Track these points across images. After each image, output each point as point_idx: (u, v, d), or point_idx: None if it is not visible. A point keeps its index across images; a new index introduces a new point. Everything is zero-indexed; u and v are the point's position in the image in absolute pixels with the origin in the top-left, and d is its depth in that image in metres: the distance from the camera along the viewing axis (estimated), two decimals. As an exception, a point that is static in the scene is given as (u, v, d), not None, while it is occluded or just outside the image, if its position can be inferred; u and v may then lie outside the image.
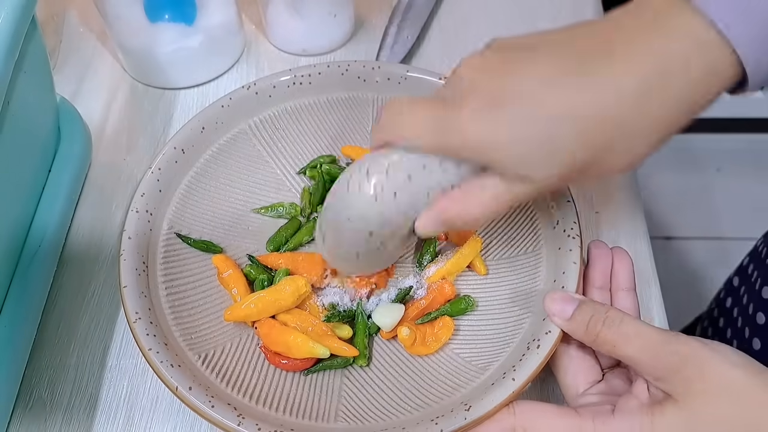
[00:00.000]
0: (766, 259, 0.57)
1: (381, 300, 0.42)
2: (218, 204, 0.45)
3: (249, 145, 0.47)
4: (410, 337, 0.39)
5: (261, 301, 0.40)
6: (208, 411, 0.33)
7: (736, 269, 0.63)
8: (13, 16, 0.36)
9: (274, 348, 0.39)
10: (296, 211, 0.46)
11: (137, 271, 0.39)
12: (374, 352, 0.41)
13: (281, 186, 0.47)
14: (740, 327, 0.59)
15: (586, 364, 0.36)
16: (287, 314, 0.40)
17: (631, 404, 0.31)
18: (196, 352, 0.38)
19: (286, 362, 0.39)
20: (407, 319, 0.41)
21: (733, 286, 0.62)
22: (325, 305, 0.42)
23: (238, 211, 0.46)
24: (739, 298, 0.60)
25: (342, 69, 0.47)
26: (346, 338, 0.40)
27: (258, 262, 0.43)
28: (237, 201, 0.46)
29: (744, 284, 0.60)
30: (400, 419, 0.36)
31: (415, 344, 0.40)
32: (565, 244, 0.38)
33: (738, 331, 0.59)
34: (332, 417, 0.37)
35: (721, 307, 0.64)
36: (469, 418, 0.32)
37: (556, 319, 0.35)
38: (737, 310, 0.60)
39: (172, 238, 0.42)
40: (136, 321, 0.36)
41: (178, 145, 0.43)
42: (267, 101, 0.47)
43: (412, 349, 0.40)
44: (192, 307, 0.41)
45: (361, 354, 0.40)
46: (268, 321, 0.40)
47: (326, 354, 0.38)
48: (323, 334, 0.40)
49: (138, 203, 0.41)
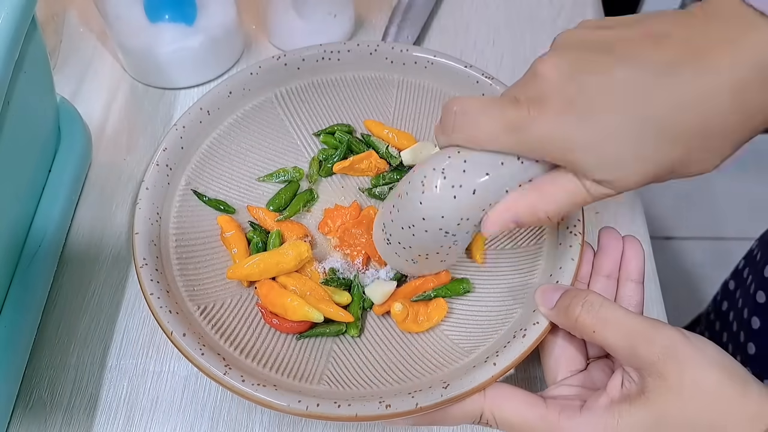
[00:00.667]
0: (760, 263, 0.57)
1: (379, 276, 0.43)
2: (237, 167, 0.47)
3: (273, 114, 0.48)
4: (402, 313, 0.40)
5: (263, 263, 0.41)
6: (198, 358, 0.35)
7: (732, 272, 0.63)
8: (13, 16, 0.36)
9: (271, 308, 0.40)
10: (300, 175, 0.47)
11: (150, 221, 0.40)
12: (367, 325, 0.42)
13: (300, 156, 0.49)
14: (735, 331, 0.58)
15: (570, 351, 0.36)
16: (287, 277, 0.41)
17: (600, 402, 0.31)
18: (195, 303, 0.39)
19: (277, 322, 0.40)
20: (401, 295, 0.41)
21: (729, 289, 0.62)
22: (326, 270, 0.43)
23: (255, 176, 0.47)
24: (735, 302, 0.60)
25: (371, 49, 0.48)
26: (344, 304, 0.41)
27: (260, 228, 0.45)
28: (255, 166, 0.47)
29: (739, 288, 0.60)
30: (380, 389, 0.37)
31: (406, 321, 0.40)
32: (566, 240, 0.38)
33: (733, 336, 0.59)
34: (316, 379, 0.37)
35: (717, 311, 0.64)
36: (445, 396, 0.33)
37: (542, 308, 0.35)
38: (733, 314, 0.60)
39: (188, 194, 0.44)
40: (143, 266, 0.38)
41: (204, 107, 0.45)
42: (295, 73, 0.48)
43: (403, 325, 0.40)
44: (198, 261, 0.42)
45: (353, 324, 0.40)
46: (268, 282, 0.41)
47: (320, 319, 0.39)
48: (321, 298, 0.41)
49: (159, 157, 0.43)
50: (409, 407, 0.33)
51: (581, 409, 0.31)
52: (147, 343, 0.44)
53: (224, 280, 0.42)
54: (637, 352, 0.30)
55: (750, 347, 0.55)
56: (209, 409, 0.42)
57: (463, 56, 0.59)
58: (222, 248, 0.44)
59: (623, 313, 0.31)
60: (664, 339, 0.30)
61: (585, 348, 0.37)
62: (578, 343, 0.36)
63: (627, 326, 0.31)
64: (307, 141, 0.49)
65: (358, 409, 0.33)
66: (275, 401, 0.33)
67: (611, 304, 0.32)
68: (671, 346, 0.29)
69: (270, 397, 0.34)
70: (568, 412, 0.31)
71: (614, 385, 0.31)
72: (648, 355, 0.30)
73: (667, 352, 0.29)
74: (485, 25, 0.61)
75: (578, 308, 0.32)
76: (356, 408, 0.33)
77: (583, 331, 0.32)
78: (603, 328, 0.31)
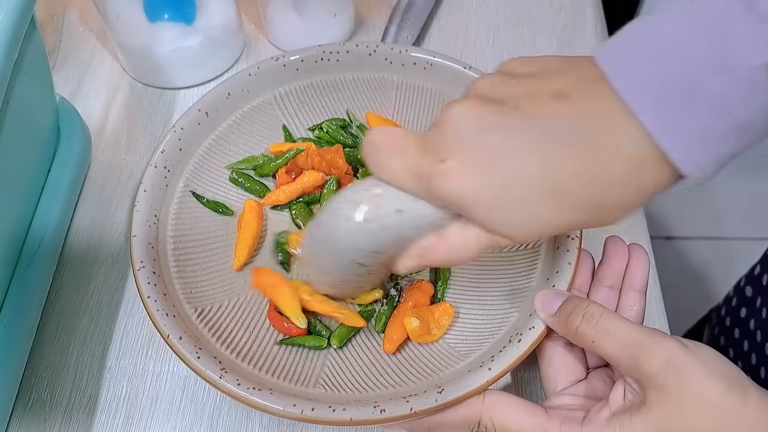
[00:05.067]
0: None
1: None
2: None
3: (272, 115, 0.48)
4: (420, 328, 0.39)
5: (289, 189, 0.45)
6: (194, 361, 0.35)
7: (748, 272, 0.62)
8: (12, 16, 0.36)
9: (269, 292, 0.41)
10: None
11: (148, 223, 0.40)
12: (364, 327, 0.41)
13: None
14: (752, 329, 0.58)
15: (570, 361, 0.36)
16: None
17: (602, 415, 0.31)
18: (193, 306, 0.39)
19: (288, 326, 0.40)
20: (405, 313, 0.41)
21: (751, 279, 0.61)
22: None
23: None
24: (754, 298, 0.59)
25: (370, 49, 0.47)
26: (371, 300, 0.41)
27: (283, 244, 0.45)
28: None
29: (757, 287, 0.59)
30: (375, 393, 0.37)
31: (422, 334, 0.40)
32: (564, 244, 0.38)
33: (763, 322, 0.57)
34: (311, 383, 0.38)
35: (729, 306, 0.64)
36: (440, 401, 0.33)
37: (541, 314, 0.35)
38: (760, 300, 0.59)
39: (186, 196, 0.44)
40: (140, 269, 0.38)
41: (202, 108, 0.45)
42: (294, 74, 0.48)
43: (420, 339, 0.40)
44: (196, 263, 0.42)
45: (336, 335, 0.40)
46: (266, 270, 0.42)
47: (302, 325, 0.39)
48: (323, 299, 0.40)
49: (157, 159, 0.42)
50: (403, 412, 0.33)
51: (583, 422, 0.31)
52: (146, 343, 0.44)
53: (221, 282, 0.42)
54: (638, 363, 0.30)
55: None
56: (208, 409, 0.42)
57: (463, 56, 0.58)
58: (219, 250, 0.44)
59: (624, 324, 0.31)
60: (665, 350, 0.30)
61: (585, 357, 0.37)
62: (578, 352, 0.36)
63: (627, 338, 0.31)
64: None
65: (352, 413, 0.33)
66: (270, 405, 0.33)
67: (612, 315, 0.32)
68: (672, 357, 0.29)
69: (265, 401, 0.34)
70: (570, 424, 0.31)
71: (616, 396, 0.31)
72: (648, 368, 0.29)
73: (668, 364, 0.29)
74: (485, 25, 0.61)
75: (579, 318, 0.32)
76: (351, 412, 0.33)
77: (582, 341, 0.32)
78: (603, 339, 0.31)
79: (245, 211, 0.44)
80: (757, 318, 0.58)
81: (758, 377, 0.56)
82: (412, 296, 0.42)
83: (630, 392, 0.31)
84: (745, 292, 0.61)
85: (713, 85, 0.25)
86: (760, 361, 0.56)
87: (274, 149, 0.47)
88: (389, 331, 0.40)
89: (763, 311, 0.57)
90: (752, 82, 0.25)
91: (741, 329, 0.61)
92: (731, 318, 0.63)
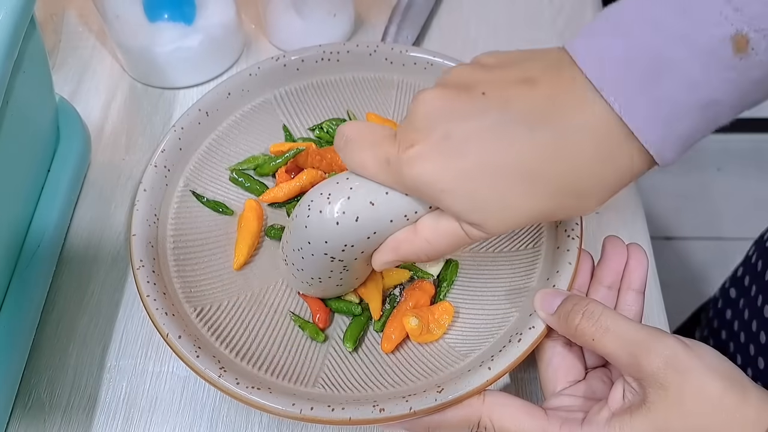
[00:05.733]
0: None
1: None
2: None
3: (272, 115, 0.48)
4: (419, 327, 0.39)
5: (288, 186, 0.45)
6: (193, 360, 0.35)
7: (731, 274, 0.63)
8: (12, 16, 0.36)
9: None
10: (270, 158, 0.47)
11: (148, 222, 0.40)
12: (363, 329, 0.41)
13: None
14: (747, 319, 0.58)
15: (569, 361, 0.36)
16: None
17: (601, 416, 0.31)
18: (192, 305, 0.39)
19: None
20: (405, 312, 0.41)
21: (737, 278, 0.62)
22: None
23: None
24: (745, 292, 0.59)
25: (370, 49, 0.48)
26: (399, 281, 0.42)
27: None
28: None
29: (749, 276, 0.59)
30: (375, 393, 0.37)
31: (422, 333, 0.40)
32: (564, 244, 0.38)
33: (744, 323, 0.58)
34: (311, 382, 0.38)
35: (726, 299, 0.64)
36: (439, 400, 0.33)
37: (541, 313, 0.35)
38: (743, 301, 0.59)
39: (186, 196, 0.44)
40: (140, 268, 0.38)
41: (203, 108, 0.45)
42: (294, 74, 0.48)
43: (420, 338, 0.40)
44: (196, 262, 0.42)
45: (319, 332, 0.40)
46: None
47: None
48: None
49: (157, 159, 0.43)
50: (402, 411, 0.33)
51: (582, 423, 0.31)
52: (146, 343, 0.44)
53: (221, 281, 0.42)
54: (638, 362, 0.30)
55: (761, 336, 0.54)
56: (208, 409, 0.42)
57: (463, 56, 0.58)
58: (219, 249, 0.44)
59: (624, 322, 0.31)
60: (665, 349, 0.29)
61: (583, 357, 0.36)
62: (577, 352, 0.36)
63: (627, 336, 0.30)
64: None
65: (352, 412, 0.33)
66: (269, 404, 0.33)
67: (612, 313, 0.32)
68: (672, 356, 0.29)
69: (264, 400, 0.34)
70: (570, 426, 0.31)
71: (615, 396, 0.31)
72: (649, 366, 0.29)
73: (668, 363, 0.29)
74: (485, 25, 0.61)
75: (578, 316, 0.32)
76: (350, 412, 0.33)
77: (582, 339, 0.32)
78: (603, 337, 0.31)
79: (245, 210, 0.44)
80: (740, 319, 0.58)
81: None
82: (412, 296, 0.42)
83: (629, 392, 0.31)
84: (729, 294, 0.61)
85: (676, 58, 0.25)
86: (746, 362, 0.57)
87: (275, 149, 0.47)
88: (387, 330, 0.40)
89: (745, 312, 0.57)
90: (715, 55, 0.25)
91: (728, 331, 0.61)
92: (718, 320, 0.63)
